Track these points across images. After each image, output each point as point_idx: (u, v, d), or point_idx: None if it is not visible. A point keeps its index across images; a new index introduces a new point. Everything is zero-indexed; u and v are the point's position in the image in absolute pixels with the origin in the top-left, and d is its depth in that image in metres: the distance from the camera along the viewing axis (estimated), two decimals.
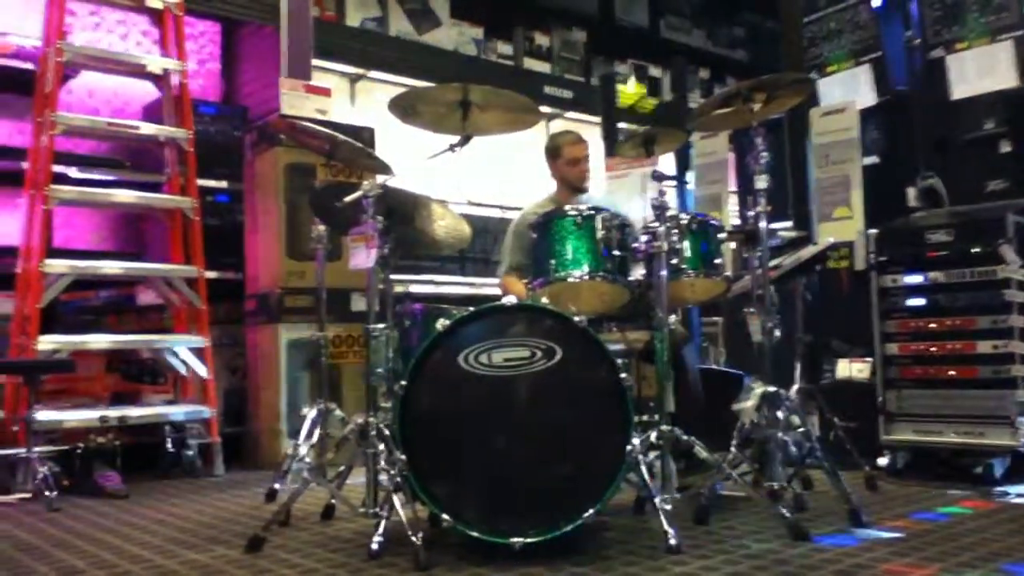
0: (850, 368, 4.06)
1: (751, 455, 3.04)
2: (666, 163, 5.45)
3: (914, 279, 3.78)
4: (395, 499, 2.63)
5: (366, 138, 4.87)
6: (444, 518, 2.59)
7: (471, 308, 2.75)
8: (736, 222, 5.09)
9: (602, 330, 3.33)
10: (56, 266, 4.17)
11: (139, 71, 4.82)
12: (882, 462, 3.76)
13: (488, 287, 5.11)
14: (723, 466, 2.90)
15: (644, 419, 3.05)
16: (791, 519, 2.75)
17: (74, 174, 4.70)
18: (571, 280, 3.05)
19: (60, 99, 4.41)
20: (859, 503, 2.94)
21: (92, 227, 5.34)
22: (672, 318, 3.12)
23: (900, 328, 3.81)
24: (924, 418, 3.70)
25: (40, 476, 3.65)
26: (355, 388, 4.61)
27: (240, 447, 4.78)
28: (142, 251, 5.24)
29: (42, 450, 3.83)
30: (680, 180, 5.30)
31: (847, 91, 4.94)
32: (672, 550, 2.56)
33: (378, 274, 2.96)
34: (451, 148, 3.03)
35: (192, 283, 4.57)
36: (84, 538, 3.05)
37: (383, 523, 2.63)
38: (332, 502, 3.23)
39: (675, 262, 3.10)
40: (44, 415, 3.92)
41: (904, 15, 4.78)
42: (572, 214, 3.09)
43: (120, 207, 4.96)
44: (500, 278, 4.06)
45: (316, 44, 5.36)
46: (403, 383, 2.66)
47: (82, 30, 5.15)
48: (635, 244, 3.06)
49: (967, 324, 3.62)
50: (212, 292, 4.67)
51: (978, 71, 4.41)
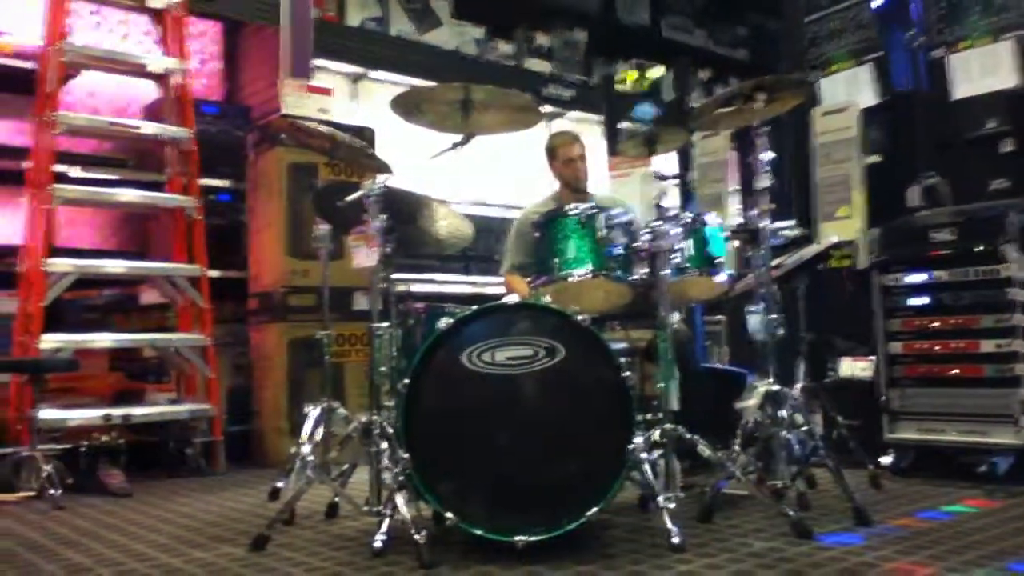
0: (853, 366, 4.06)
1: (755, 453, 3.04)
2: (668, 162, 5.46)
3: (917, 278, 3.78)
4: (398, 497, 2.64)
5: (367, 138, 4.87)
6: (447, 516, 2.59)
7: (474, 307, 2.75)
8: (738, 221, 5.10)
9: (605, 329, 3.33)
10: (59, 265, 4.17)
11: (140, 71, 4.82)
12: (886, 460, 3.76)
13: (491, 286, 5.11)
14: (727, 465, 2.90)
15: (647, 417, 3.05)
16: (795, 517, 2.75)
17: (76, 173, 4.69)
18: (574, 279, 3.05)
19: (61, 99, 4.41)
20: (863, 501, 2.93)
21: (96, 226, 5.35)
22: (675, 316, 3.12)
23: (903, 327, 3.81)
24: (928, 416, 3.70)
25: (44, 475, 3.65)
26: (358, 386, 4.62)
27: (244, 445, 4.79)
28: (145, 250, 5.25)
29: (46, 448, 3.83)
30: (684, 180, 5.31)
31: (849, 91, 4.95)
32: (676, 548, 2.56)
33: (380, 273, 2.97)
34: (453, 147, 3.03)
35: (195, 282, 4.57)
36: (89, 536, 3.05)
37: (387, 521, 2.64)
38: (336, 500, 3.23)
39: (677, 261, 3.11)
40: (48, 414, 3.92)
41: (906, 15, 4.79)
42: (574, 213, 3.09)
43: (122, 206, 4.97)
44: (503, 276, 4.07)
45: (317, 44, 5.36)
46: (406, 382, 2.66)
47: (83, 30, 5.15)
48: (637, 243, 3.06)
49: (970, 323, 3.62)
50: (215, 291, 4.68)
51: (980, 71, 4.42)
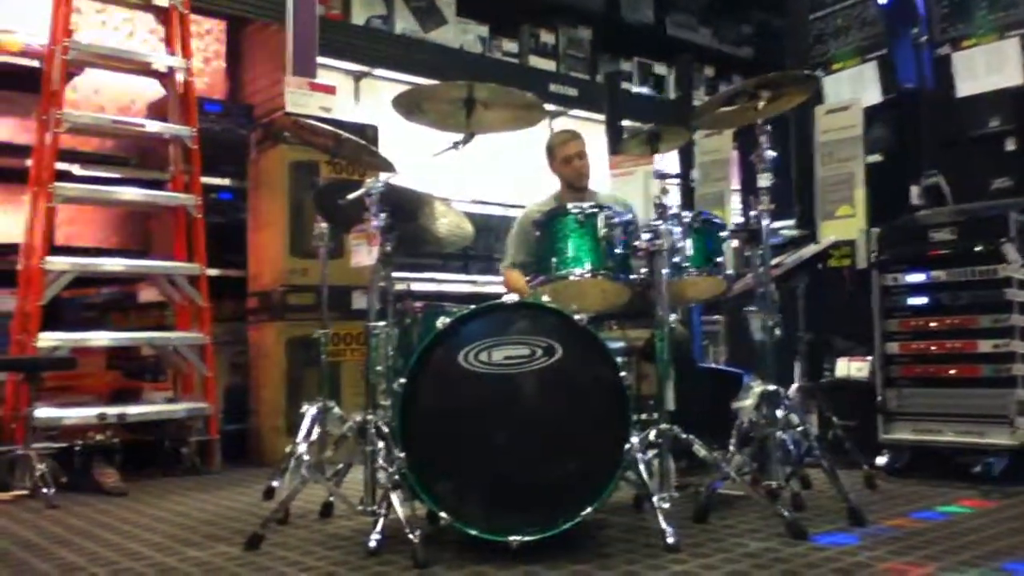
0: (849, 367, 4.05)
1: (750, 454, 3.03)
2: (670, 161, 5.45)
3: (916, 278, 3.76)
4: (393, 497, 2.64)
5: (370, 136, 4.87)
6: (443, 516, 2.58)
7: (471, 306, 2.75)
8: (739, 220, 5.08)
9: (603, 328, 3.33)
10: (58, 263, 4.17)
11: (144, 69, 4.83)
12: (881, 461, 3.75)
13: (490, 285, 5.11)
14: (722, 465, 2.89)
15: (643, 417, 3.04)
16: (790, 518, 2.74)
17: (78, 171, 4.70)
18: (573, 278, 3.05)
19: (65, 96, 4.42)
20: (858, 502, 2.93)
21: (98, 224, 5.36)
22: (673, 317, 3.11)
23: (901, 327, 3.79)
24: (923, 417, 3.68)
25: (38, 473, 3.65)
26: (355, 386, 4.61)
27: (241, 444, 4.79)
28: (147, 248, 5.25)
29: (41, 447, 3.83)
30: (686, 178, 5.30)
31: (853, 88, 4.92)
32: (670, 548, 2.55)
33: (380, 272, 2.97)
34: (455, 146, 3.02)
35: (194, 280, 4.57)
36: (84, 535, 3.06)
37: (381, 521, 2.64)
38: (331, 500, 3.23)
39: (677, 260, 3.10)
40: (44, 412, 3.92)
41: (912, 12, 4.76)
42: (574, 212, 3.09)
43: (124, 205, 4.98)
44: (502, 271, 4.07)
45: (321, 42, 5.37)
46: (403, 381, 2.66)
47: (88, 28, 5.16)
48: (637, 242, 3.06)
49: (968, 323, 3.60)
50: (215, 289, 4.68)
51: (985, 68, 4.39)
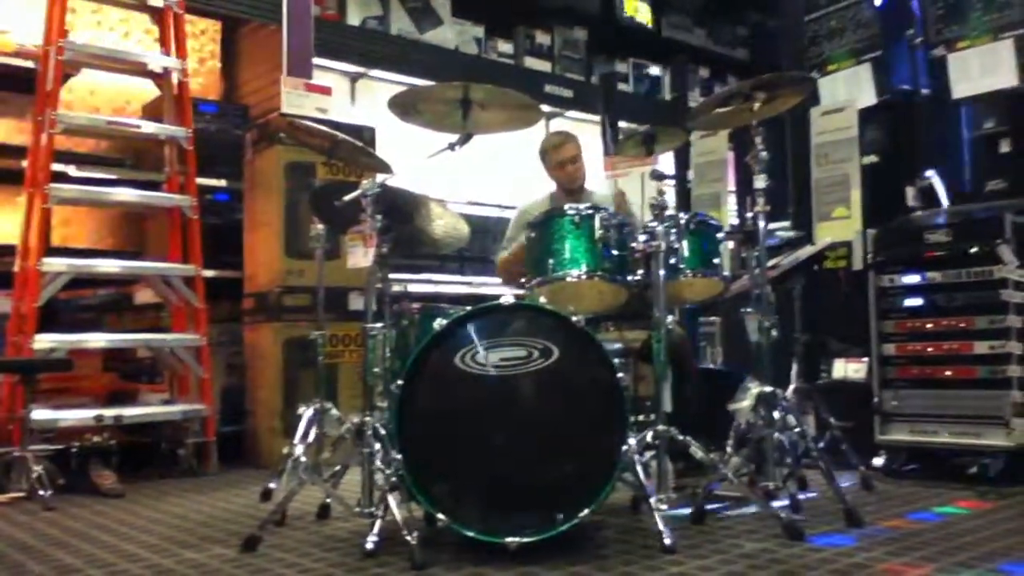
0: (846, 368, 4.06)
1: (747, 455, 3.03)
2: (666, 162, 5.46)
3: (912, 279, 3.77)
4: (391, 498, 2.64)
5: (367, 137, 4.85)
6: (440, 517, 2.58)
7: (468, 307, 2.75)
8: (735, 222, 5.09)
9: (600, 329, 3.33)
10: (54, 265, 4.15)
11: (140, 69, 4.81)
12: (878, 462, 3.76)
13: (487, 286, 5.10)
14: (719, 466, 2.89)
15: (640, 419, 3.05)
16: (787, 519, 2.74)
17: (73, 172, 4.69)
18: (569, 279, 3.05)
19: (61, 97, 4.41)
20: (854, 503, 2.94)
21: (93, 226, 5.34)
22: (670, 318, 3.11)
23: (897, 328, 3.80)
24: (920, 418, 3.70)
25: (34, 475, 3.64)
26: (352, 387, 4.61)
27: (237, 446, 4.78)
28: (143, 250, 5.24)
29: (37, 449, 3.82)
30: (682, 180, 5.31)
31: (849, 90, 4.93)
32: (668, 550, 2.56)
33: (376, 273, 2.97)
34: (451, 147, 3.02)
35: (190, 282, 4.56)
36: (80, 537, 3.05)
37: (379, 522, 2.64)
38: (328, 501, 3.23)
39: (673, 262, 3.10)
40: (40, 414, 3.90)
41: (907, 13, 4.77)
42: (570, 213, 3.09)
43: (119, 206, 4.96)
44: (498, 259, 4.07)
45: (317, 43, 5.36)
46: (400, 382, 2.66)
47: (83, 28, 5.15)
48: (633, 243, 3.06)
49: (964, 324, 3.61)
50: (211, 291, 4.66)
51: (980, 70, 4.41)
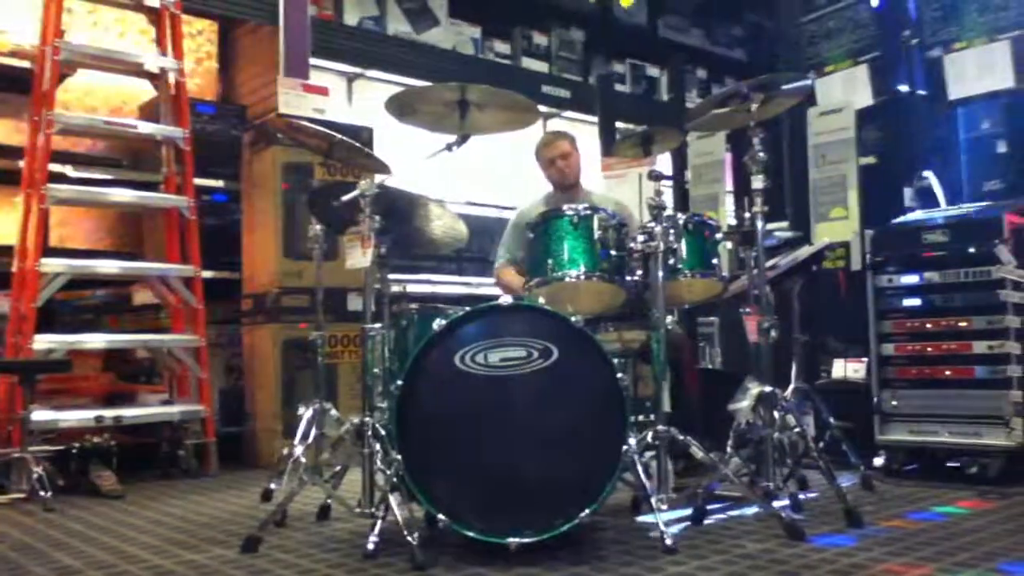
0: (846, 368, 4.06)
1: (747, 455, 3.03)
2: (663, 163, 5.45)
3: (910, 279, 3.78)
4: (391, 499, 2.64)
5: (364, 138, 4.85)
6: (440, 518, 2.58)
7: (467, 308, 2.75)
8: (733, 222, 5.09)
9: (599, 330, 3.33)
10: (52, 265, 4.15)
11: (136, 70, 4.80)
12: (878, 462, 3.76)
13: (485, 287, 5.10)
14: (719, 466, 2.90)
15: (640, 419, 3.05)
16: (787, 519, 2.75)
17: (71, 173, 4.68)
18: (568, 280, 3.05)
19: (57, 98, 4.40)
20: (855, 503, 2.94)
21: (90, 226, 5.33)
22: (669, 319, 3.11)
23: (896, 328, 3.81)
24: (920, 418, 3.70)
25: (35, 476, 3.64)
26: (351, 388, 4.61)
27: (237, 447, 4.78)
28: (140, 251, 5.23)
29: (37, 450, 3.81)
30: (679, 180, 5.31)
31: (846, 91, 4.94)
32: (668, 550, 2.56)
33: (374, 274, 2.96)
34: (448, 147, 3.02)
35: (188, 282, 4.55)
36: (80, 538, 3.04)
37: (379, 523, 2.64)
38: (328, 502, 3.22)
39: (671, 262, 3.11)
40: (39, 415, 3.90)
41: (904, 14, 4.78)
42: (569, 214, 3.09)
43: (117, 206, 4.95)
44: (495, 268, 4.08)
45: (314, 43, 5.36)
46: (399, 383, 2.66)
47: (79, 29, 5.13)
48: (632, 244, 3.06)
49: (963, 324, 3.62)
50: (209, 291, 4.65)
51: (976, 71, 4.42)
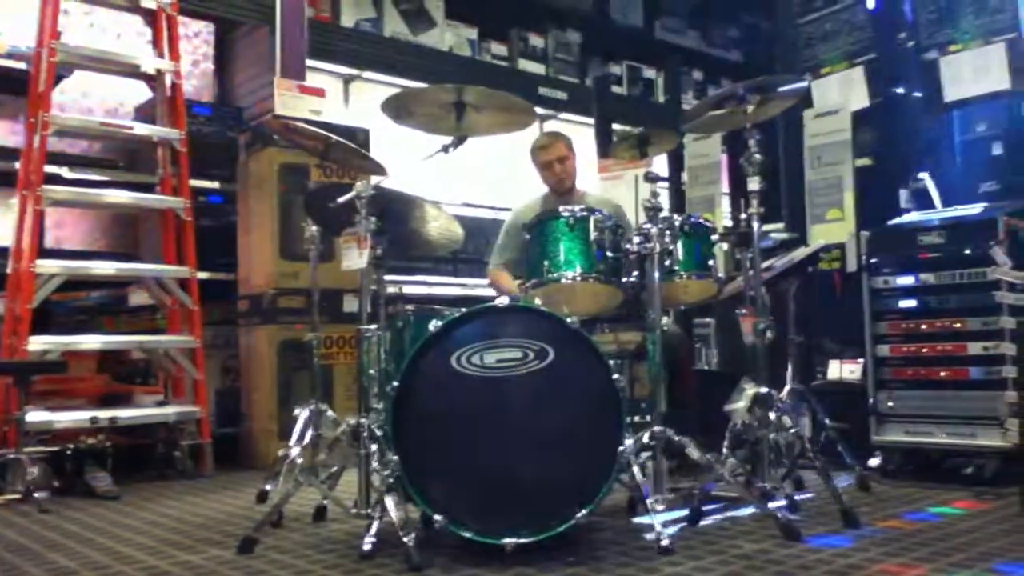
0: (841, 369, 4.07)
1: (743, 456, 3.04)
2: (659, 165, 5.46)
3: (905, 281, 3.78)
4: (387, 500, 2.64)
5: (361, 139, 4.85)
6: (437, 519, 2.58)
7: (463, 309, 2.75)
8: (729, 224, 5.09)
9: (595, 331, 3.34)
10: (48, 267, 4.15)
11: (133, 71, 4.80)
12: (874, 463, 3.77)
13: (481, 288, 5.10)
14: (716, 467, 2.90)
15: (637, 420, 3.05)
16: (783, 520, 2.75)
17: (67, 174, 4.67)
18: (564, 281, 3.06)
19: (53, 99, 4.40)
20: (851, 503, 2.94)
21: (86, 227, 5.33)
22: (665, 320, 3.12)
23: (891, 329, 3.81)
24: (915, 419, 3.70)
25: (30, 477, 3.63)
26: (347, 389, 4.60)
27: (233, 448, 4.77)
28: (137, 252, 5.23)
29: (32, 451, 3.81)
30: (676, 182, 5.31)
31: (842, 93, 4.95)
32: (664, 550, 2.56)
33: (370, 275, 2.96)
34: (445, 149, 3.02)
35: (184, 284, 4.55)
36: (76, 539, 3.04)
37: (375, 524, 2.64)
38: (324, 503, 3.22)
39: (667, 264, 3.11)
40: (35, 416, 3.89)
41: (900, 17, 4.79)
42: (565, 215, 3.10)
43: (113, 208, 4.96)
44: (489, 271, 4.08)
45: (310, 45, 5.36)
46: (395, 384, 2.66)
47: (75, 30, 5.13)
48: (628, 245, 3.07)
49: (958, 325, 3.62)
50: (205, 293, 4.65)
51: (972, 73, 4.42)
